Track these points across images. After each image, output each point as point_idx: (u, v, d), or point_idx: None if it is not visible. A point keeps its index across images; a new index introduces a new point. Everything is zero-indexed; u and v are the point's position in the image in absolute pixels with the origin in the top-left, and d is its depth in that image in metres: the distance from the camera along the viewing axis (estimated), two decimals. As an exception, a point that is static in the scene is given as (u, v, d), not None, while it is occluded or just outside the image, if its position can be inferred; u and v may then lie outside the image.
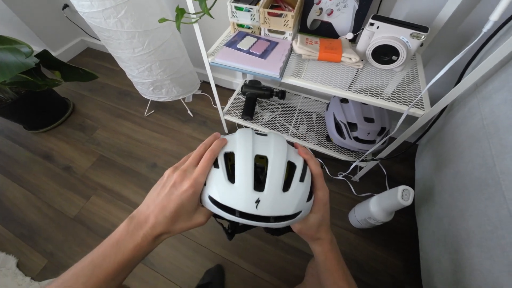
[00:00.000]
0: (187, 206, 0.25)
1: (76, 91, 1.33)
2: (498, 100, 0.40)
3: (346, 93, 0.58)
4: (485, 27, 0.36)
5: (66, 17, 1.40)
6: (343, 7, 0.64)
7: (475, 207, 0.40)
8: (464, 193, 0.44)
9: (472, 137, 0.45)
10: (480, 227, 0.38)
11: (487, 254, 0.36)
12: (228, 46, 0.70)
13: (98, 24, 0.74)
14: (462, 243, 0.42)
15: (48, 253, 0.81)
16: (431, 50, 0.68)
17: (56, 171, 1.01)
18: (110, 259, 0.23)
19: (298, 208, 0.24)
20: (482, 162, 0.40)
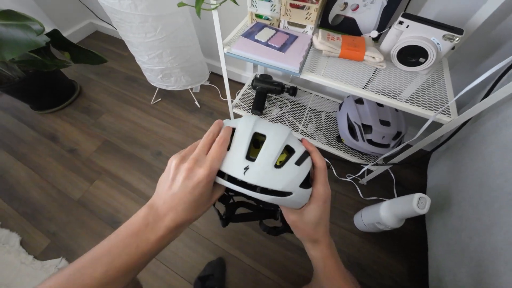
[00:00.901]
0: (205, 193, 0.24)
1: (83, 74, 1.30)
2: (539, 112, 0.37)
3: (367, 93, 0.55)
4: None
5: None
6: (370, 3, 0.60)
7: (505, 222, 0.38)
8: (493, 207, 0.41)
9: (506, 148, 0.42)
10: (510, 244, 0.36)
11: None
12: (245, 37, 0.66)
13: (111, 5, 0.70)
14: (486, 258, 0.40)
15: (51, 233, 0.80)
16: (458, 53, 0.64)
17: (61, 153, 0.99)
18: (131, 250, 0.22)
19: (288, 187, 0.24)
20: None
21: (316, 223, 0.27)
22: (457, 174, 0.56)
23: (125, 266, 0.21)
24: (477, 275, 0.41)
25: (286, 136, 0.26)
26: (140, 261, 0.22)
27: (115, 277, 0.21)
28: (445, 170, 0.63)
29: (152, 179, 0.92)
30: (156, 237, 0.22)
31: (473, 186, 0.49)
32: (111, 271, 0.21)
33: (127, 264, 0.22)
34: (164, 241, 0.23)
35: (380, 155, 0.71)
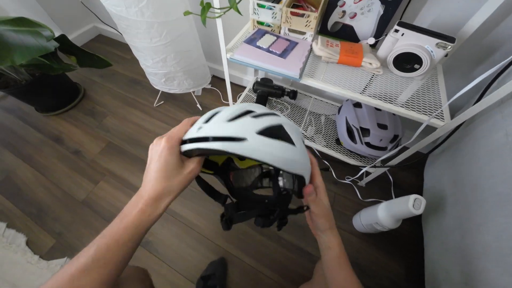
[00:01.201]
0: (170, 160, 0.26)
1: (87, 76, 1.32)
2: (525, 118, 0.39)
3: (365, 98, 0.57)
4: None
5: (82, 3, 1.37)
6: (367, 11, 0.63)
7: (495, 222, 0.40)
8: (483, 207, 0.43)
9: (495, 152, 0.44)
10: (499, 242, 0.38)
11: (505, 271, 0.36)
12: (247, 43, 0.68)
13: (118, 12, 0.73)
14: (476, 256, 0.42)
15: (57, 233, 0.81)
16: (452, 60, 0.66)
17: (65, 154, 1.01)
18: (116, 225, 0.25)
19: (241, 133, 0.24)
20: (506, 178, 0.40)
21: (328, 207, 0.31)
22: (451, 176, 0.58)
23: (112, 241, 0.24)
24: (468, 273, 0.43)
25: (247, 104, 0.28)
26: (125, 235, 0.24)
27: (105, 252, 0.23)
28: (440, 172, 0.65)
29: (155, 180, 0.93)
30: (136, 211, 0.25)
31: (466, 187, 0.51)
32: (102, 245, 0.24)
33: (115, 240, 0.24)
34: (144, 215, 0.25)
35: (378, 157, 0.73)
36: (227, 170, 0.39)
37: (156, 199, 0.25)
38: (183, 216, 0.85)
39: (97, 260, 0.23)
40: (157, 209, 0.26)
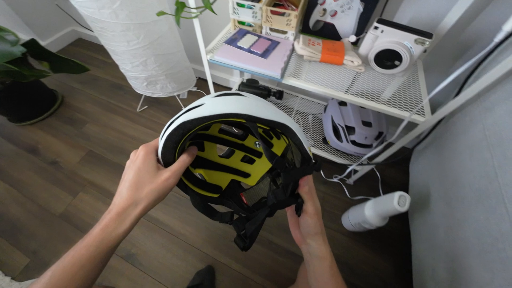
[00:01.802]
0: (142, 168, 0.25)
1: (65, 83, 1.27)
2: (502, 111, 0.40)
3: (347, 96, 0.56)
4: (497, 37, 0.35)
5: (57, 5, 1.32)
6: (347, 9, 0.63)
7: (475, 218, 0.40)
8: (463, 203, 0.43)
9: (473, 147, 0.44)
10: (480, 238, 0.38)
11: (486, 267, 0.36)
12: (228, 44, 0.67)
13: (91, 14, 0.69)
14: (459, 253, 0.42)
15: (31, 252, 0.76)
16: (432, 56, 0.67)
17: (42, 166, 0.96)
18: (76, 247, 0.23)
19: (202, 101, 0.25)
20: (484, 173, 0.40)
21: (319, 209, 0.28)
22: (435, 172, 0.59)
23: (70, 264, 0.22)
24: (452, 270, 0.42)
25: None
26: (85, 255, 0.22)
27: (61, 277, 0.21)
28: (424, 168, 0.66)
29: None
30: (99, 227, 0.23)
31: (447, 183, 0.51)
32: (58, 270, 0.22)
33: (73, 262, 0.22)
34: (107, 231, 0.23)
35: (363, 155, 0.73)
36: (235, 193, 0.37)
37: (122, 212, 0.24)
38: (168, 225, 0.82)
39: (51, 287, 0.21)
40: (122, 223, 0.23)
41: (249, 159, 0.42)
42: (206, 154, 0.39)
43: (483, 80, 0.39)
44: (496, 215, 0.35)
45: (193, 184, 0.32)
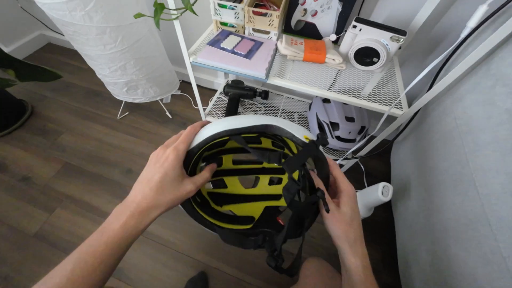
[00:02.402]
0: (170, 174, 0.25)
1: (35, 91, 1.19)
2: (470, 101, 0.44)
3: (330, 94, 0.59)
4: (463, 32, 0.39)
5: (21, 8, 1.24)
6: (327, 8, 0.65)
7: (451, 202, 0.43)
8: (440, 188, 0.47)
9: (447, 136, 0.48)
10: (456, 221, 0.41)
11: (462, 246, 0.39)
12: (211, 45, 0.67)
13: (61, 17, 0.66)
14: (438, 235, 0.45)
15: (2, 278, 0.70)
16: (407, 52, 0.72)
17: (11, 183, 0.89)
18: (95, 241, 0.22)
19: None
20: (457, 159, 0.43)
21: (351, 217, 0.26)
22: (414, 161, 0.63)
23: (92, 259, 0.21)
24: (433, 252, 0.46)
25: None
26: (106, 251, 0.22)
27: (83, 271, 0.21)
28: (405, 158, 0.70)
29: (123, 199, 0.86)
30: (119, 224, 0.23)
31: (426, 171, 0.55)
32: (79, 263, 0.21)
33: (94, 257, 0.22)
34: (128, 228, 0.23)
35: (348, 149, 0.76)
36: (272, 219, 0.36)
37: (143, 212, 0.24)
38: (157, 234, 0.79)
39: (73, 281, 0.21)
40: (142, 223, 0.24)
41: (278, 180, 0.42)
42: (230, 189, 0.39)
43: (452, 74, 0.42)
44: (469, 198, 0.39)
45: (220, 221, 0.32)
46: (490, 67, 0.41)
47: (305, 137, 0.26)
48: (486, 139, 0.38)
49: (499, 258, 0.32)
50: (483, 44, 0.37)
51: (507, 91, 0.36)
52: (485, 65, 0.43)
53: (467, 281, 0.37)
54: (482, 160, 0.38)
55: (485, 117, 0.39)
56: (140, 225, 0.23)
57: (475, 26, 0.37)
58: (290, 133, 0.26)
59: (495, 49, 0.41)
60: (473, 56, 0.39)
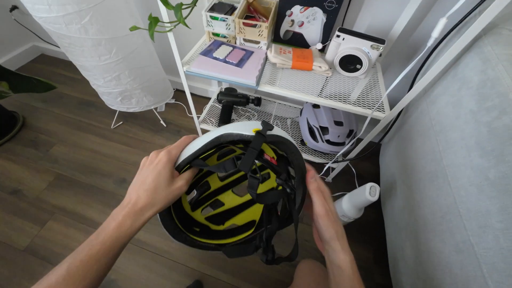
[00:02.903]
0: (163, 173, 0.27)
1: (26, 102, 1.20)
2: (442, 103, 0.48)
3: (318, 99, 0.63)
4: (429, 42, 0.44)
5: (15, 20, 1.27)
6: (312, 19, 0.71)
7: (429, 197, 0.47)
8: (420, 185, 0.51)
9: (424, 135, 0.53)
10: (434, 214, 0.45)
11: (439, 238, 0.42)
12: (204, 55, 0.71)
13: (57, 30, 0.69)
14: (420, 230, 0.49)
15: (-10, 295, 0.69)
16: (388, 58, 0.78)
17: (1, 196, 0.88)
18: (92, 241, 0.24)
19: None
20: (433, 157, 0.48)
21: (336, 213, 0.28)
22: (399, 161, 0.67)
23: (87, 257, 0.23)
24: (416, 246, 0.49)
25: None
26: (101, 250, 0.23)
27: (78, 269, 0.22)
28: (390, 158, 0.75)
29: (118, 209, 0.86)
30: (115, 224, 0.24)
31: (407, 169, 0.59)
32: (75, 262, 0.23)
33: (89, 255, 0.23)
34: (123, 227, 0.25)
35: (338, 152, 0.80)
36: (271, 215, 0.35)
37: (138, 211, 0.25)
38: (150, 243, 0.80)
39: (69, 278, 0.22)
40: (137, 221, 0.25)
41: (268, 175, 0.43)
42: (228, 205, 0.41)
43: (425, 78, 0.47)
44: (443, 191, 0.42)
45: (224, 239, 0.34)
46: (457, 71, 0.46)
47: (254, 130, 0.26)
48: (455, 137, 0.42)
49: (468, 246, 0.35)
50: (448, 51, 0.42)
51: (470, 93, 0.41)
52: (453, 69, 0.48)
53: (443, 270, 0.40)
54: (452, 156, 0.42)
55: (454, 117, 0.43)
56: (135, 224, 0.25)
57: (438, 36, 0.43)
58: (238, 134, 0.26)
59: (460, 55, 0.46)
60: (441, 62, 0.44)
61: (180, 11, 0.50)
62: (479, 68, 0.41)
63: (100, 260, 0.23)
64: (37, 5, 0.64)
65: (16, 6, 1.23)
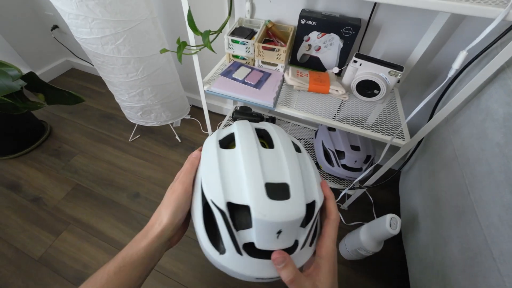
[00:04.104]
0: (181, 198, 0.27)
1: (54, 113, 1.32)
2: (465, 134, 0.48)
3: (335, 123, 0.65)
4: (450, 72, 0.46)
5: (54, 38, 1.45)
6: (329, 44, 0.75)
7: (456, 234, 0.45)
8: (445, 220, 0.49)
9: (448, 167, 0.52)
10: (463, 254, 0.42)
11: (470, 281, 0.40)
12: (224, 76, 0.77)
13: (94, 50, 0.79)
14: (448, 270, 0.46)
15: (2, 304, 0.72)
16: (407, 84, 0.79)
17: (22, 204, 0.95)
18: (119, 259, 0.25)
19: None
20: (458, 190, 0.46)
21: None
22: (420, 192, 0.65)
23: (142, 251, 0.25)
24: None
25: None
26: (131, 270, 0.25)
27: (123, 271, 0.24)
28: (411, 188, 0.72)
29: (129, 225, 0.89)
30: (145, 243, 0.25)
31: (431, 202, 0.57)
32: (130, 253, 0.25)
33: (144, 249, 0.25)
34: (152, 247, 0.26)
35: (354, 179, 0.79)
36: None
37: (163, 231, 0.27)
38: (160, 264, 0.80)
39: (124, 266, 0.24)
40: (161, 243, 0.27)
41: None
42: None
43: (447, 107, 0.48)
44: (472, 229, 0.41)
45: None
46: (480, 102, 0.47)
47: None
48: (482, 170, 0.41)
49: (504, 292, 0.33)
50: (470, 82, 0.43)
51: (496, 125, 0.41)
52: (476, 100, 0.48)
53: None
54: (480, 192, 0.41)
55: (480, 149, 0.43)
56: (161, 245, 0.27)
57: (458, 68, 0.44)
58: None
59: (483, 86, 0.47)
60: (463, 93, 0.45)
61: (207, 37, 0.56)
62: (504, 100, 0.41)
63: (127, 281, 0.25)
64: (81, 28, 0.73)
65: (57, 25, 1.41)
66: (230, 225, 0.22)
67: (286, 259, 0.22)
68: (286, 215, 0.21)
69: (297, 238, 0.23)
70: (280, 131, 0.31)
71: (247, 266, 0.23)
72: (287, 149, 0.26)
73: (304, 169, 0.26)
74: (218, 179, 0.24)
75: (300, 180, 0.24)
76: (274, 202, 0.22)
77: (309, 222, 0.24)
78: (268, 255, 0.22)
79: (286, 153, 0.25)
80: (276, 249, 0.22)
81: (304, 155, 0.29)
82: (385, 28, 0.72)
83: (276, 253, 0.22)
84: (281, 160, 0.25)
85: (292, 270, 0.22)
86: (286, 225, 0.22)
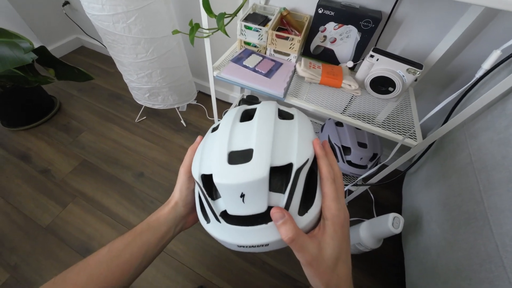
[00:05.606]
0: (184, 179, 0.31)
1: (64, 89, 1.30)
2: (484, 139, 0.45)
3: (345, 118, 0.62)
4: (478, 73, 0.41)
5: (65, 14, 1.40)
6: (346, 37, 0.70)
7: (464, 240, 0.43)
8: (453, 225, 0.47)
9: (461, 171, 0.49)
10: (469, 259, 0.40)
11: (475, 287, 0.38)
12: (234, 62, 0.73)
13: (105, 27, 0.75)
14: (451, 275, 0.44)
15: (12, 266, 0.73)
16: (422, 84, 0.75)
17: (32, 174, 0.95)
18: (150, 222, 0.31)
19: None
20: (471, 196, 0.44)
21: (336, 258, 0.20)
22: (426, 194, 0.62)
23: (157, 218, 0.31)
24: None
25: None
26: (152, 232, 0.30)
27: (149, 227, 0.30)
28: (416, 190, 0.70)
29: (132, 202, 0.89)
30: (164, 212, 0.31)
31: (438, 205, 0.55)
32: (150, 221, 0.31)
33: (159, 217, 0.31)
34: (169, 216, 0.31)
35: (358, 176, 0.77)
36: None
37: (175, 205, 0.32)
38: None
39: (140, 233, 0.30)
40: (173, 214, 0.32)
41: None
42: None
43: (467, 111, 0.44)
44: (483, 236, 0.39)
45: None
46: (505, 107, 0.43)
47: None
48: (501, 178, 0.38)
49: (512, 302, 0.31)
50: (498, 85, 0.39)
51: (521, 133, 0.37)
52: (500, 104, 0.45)
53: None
54: (496, 199, 0.38)
55: (501, 156, 0.40)
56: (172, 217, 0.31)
57: (489, 68, 0.40)
58: None
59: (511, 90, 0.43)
60: (488, 96, 0.41)
61: (222, 20, 0.52)
62: (532, 107, 0.38)
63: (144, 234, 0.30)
64: (92, 4, 0.69)
65: (68, 1, 1.35)
66: (206, 195, 0.24)
67: (285, 215, 0.20)
68: (243, 177, 0.21)
69: (271, 204, 0.22)
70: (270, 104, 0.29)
71: (227, 233, 0.24)
72: (262, 118, 0.26)
73: (283, 134, 0.24)
74: (198, 155, 0.27)
75: (268, 144, 0.22)
76: (233, 167, 0.22)
77: (287, 186, 0.22)
78: (247, 222, 0.23)
79: (260, 122, 0.25)
80: (245, 214, 0.22)
81: (294, 121, 0.27)
82: (407, 23, 0.67)
83: (275, 208, 0.21)
84: (253, 129, 0.24)
85: (292, 227, 0.20)
86: (246, 188, 0.21)
